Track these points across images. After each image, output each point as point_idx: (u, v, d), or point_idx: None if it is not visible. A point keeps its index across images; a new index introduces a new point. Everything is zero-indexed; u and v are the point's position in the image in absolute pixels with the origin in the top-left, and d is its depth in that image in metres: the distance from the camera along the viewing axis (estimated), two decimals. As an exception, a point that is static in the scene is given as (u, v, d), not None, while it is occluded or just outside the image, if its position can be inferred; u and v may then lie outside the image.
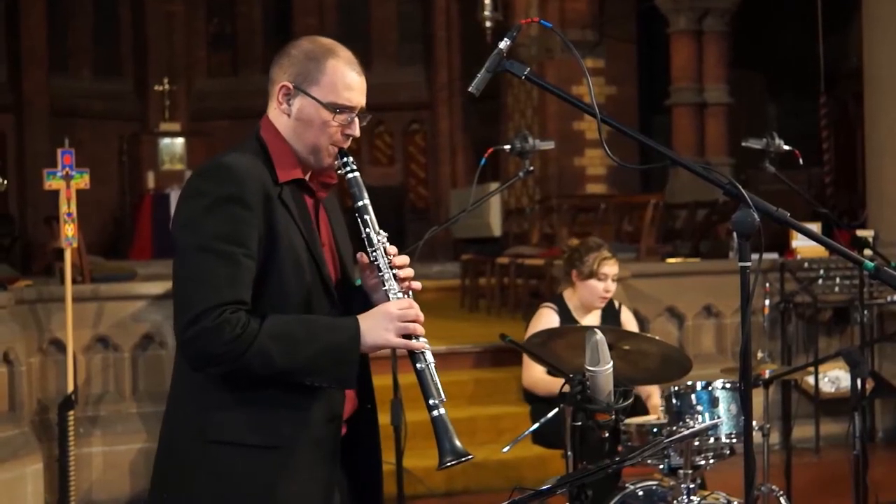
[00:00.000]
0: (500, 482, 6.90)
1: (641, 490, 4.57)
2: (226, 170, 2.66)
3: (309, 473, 2.72)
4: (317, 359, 2.64)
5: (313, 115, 2.76)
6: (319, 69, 2.75)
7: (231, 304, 2.58)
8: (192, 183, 2.70)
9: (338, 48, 2.80)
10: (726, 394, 4.45)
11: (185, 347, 2.62)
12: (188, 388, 2.72)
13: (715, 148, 13.31)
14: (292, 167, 2.77)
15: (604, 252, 5.48)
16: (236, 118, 17.70)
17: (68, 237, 7.06)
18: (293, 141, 2.79)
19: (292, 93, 2.77)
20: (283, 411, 2.69)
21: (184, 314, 2.59)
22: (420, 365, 2.71)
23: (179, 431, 2.74)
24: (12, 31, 16.77)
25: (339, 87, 2.76)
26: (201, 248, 2.61)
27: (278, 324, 2.62)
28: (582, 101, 2.84)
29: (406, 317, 2.71)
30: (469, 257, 12.31)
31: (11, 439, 6.53)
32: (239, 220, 2.62)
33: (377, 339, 2.69)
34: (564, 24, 13.68)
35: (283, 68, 2.79)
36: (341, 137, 2.79)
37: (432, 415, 2.69)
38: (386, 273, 2.76)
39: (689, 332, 8.37)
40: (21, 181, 16.24)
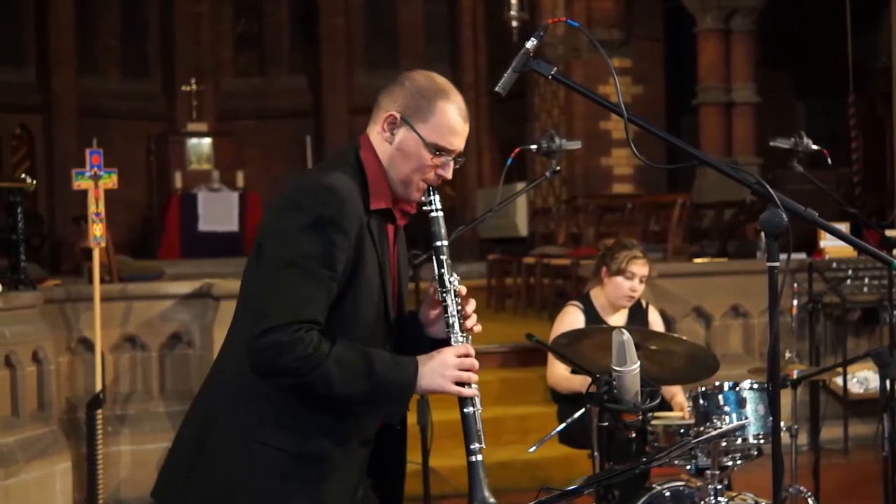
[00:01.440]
0: (527, 482, 6.89)
1: (668, 491, 4.55)
2: (329, 191, 2.69)
3: (337, 485, 2.79)
4: (373, 393, 2.70)
5: (413, 150, 2.79)
6: (430, 108, 2.79)
7: (307, 322, 2.64)
8: (293, 196, 2.72)
9: (451, 92, 2.84)
10: (754, 394, 4.43)
11: (254, 354, 2.66)
12: (238, 382, 2.76)
13: (742, 147, 13.25)
14: (383, 196, 2.81)
15: (636, 252, 5.46)
16: (263, 118, 17.78)
17: (97, 237, 7.10)
18: (388, 168, 2.82)
19: (398, 123, 2.79)
20: (324, 427, 2.75)
21: (260, 323, 2.64)
22: (468, 409, 2.75)
23: (220, 420, 2.78)
24: (41, 32, 16.87)
25: (444, 130, 2.79)
26: (291, 263, 2.65)
27: (346, 352, 2.68)
28: (609, 101, 2.83)
29: (463, 365, 2.75)
30: (495, 257, 12.30)
31: (41, 438, 6.57)
32: (332, 243, 2.66)
33: (432, 384, 2.75)
34: (591, 23, 13.66)
35: (394, 97, 2.81)
36: (434, 177, 2.83)
37: (470, 459, 2.73)
38: (452, 317, 2.80)
39: (717, 332, 8.34)
40: (50, 181, 16.34)
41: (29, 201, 13.71)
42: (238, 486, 2.74)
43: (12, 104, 16.48)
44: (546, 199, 15.08)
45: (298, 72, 18.45)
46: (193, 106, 17.79)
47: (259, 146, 17.62)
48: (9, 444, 6.30)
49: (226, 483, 2.75)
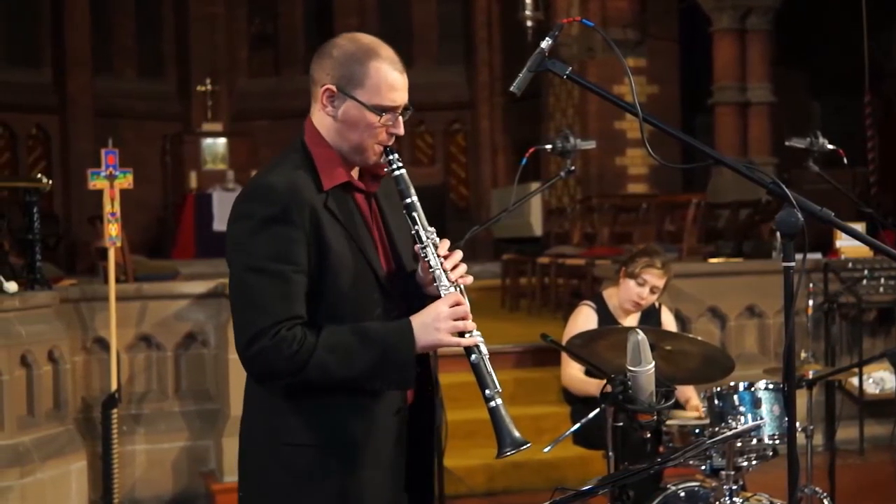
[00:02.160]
0: (541, 482, 6.88)
1: (683, 491, 4.54)
2: (268, 189, 2.70)
3: (378, 465, 2.78)
4: (373, 366, 2.69)
5: (358, 117, 2.77)
6: (363, 72, 2.76)
7: (286, 320, 2.64)
8: (238, 206, 2.74)
9: (379, 48, 2.80)
10: (769, 394, 4.42)
11: (247, 366, 2.69)
12: (258, 393, 2.79)
13: (758, 147, 13.21)
14: (337, 172, 2.80)
15: (655, 261, 5.40)
16: (278, 118, 17.80)
17: (112, 236, 7.12)
18: (338, 142, 2.81)
19: (336, 95, 2.78)
20: (350, 411, 2.75)
21: (242, 335, 2.66)
22: (475, 357, 2.72)
23: (253, 434, 2.82)
24: (57, 33, 16.93)
25: (383, 89, 2.76)
26: (251, 268, 2.67)
27: (334, 335, 2.67)
28: (624, 101, 2.83)
29: (456, 314, 2.72)
30: (510, 257, 12.29)
31: (56, 437, 6.59)
32: (285, 238, 2.67)
33: (430, 340, 2.72)
34: (606, 22, 13.64)
35: (326, 69, 2.79)
36: (386, 136, 2.81)
37: (489, 405, 2.71)
38: (437, 269, 2.77)
39: (732, 332, 8.31)
40: (65, 181, 16.40)
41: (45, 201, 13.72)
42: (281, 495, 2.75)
43: (28, 104, 16.55)
44: (560, 198, 15.07)
45: (313, 72, 18.48)
46: (208, 106, 17.83)
47: (274, 146, 17.61)
48: (25, 443, 6.32)
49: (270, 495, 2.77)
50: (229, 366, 6.93)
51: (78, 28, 16.88)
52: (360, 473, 2.75)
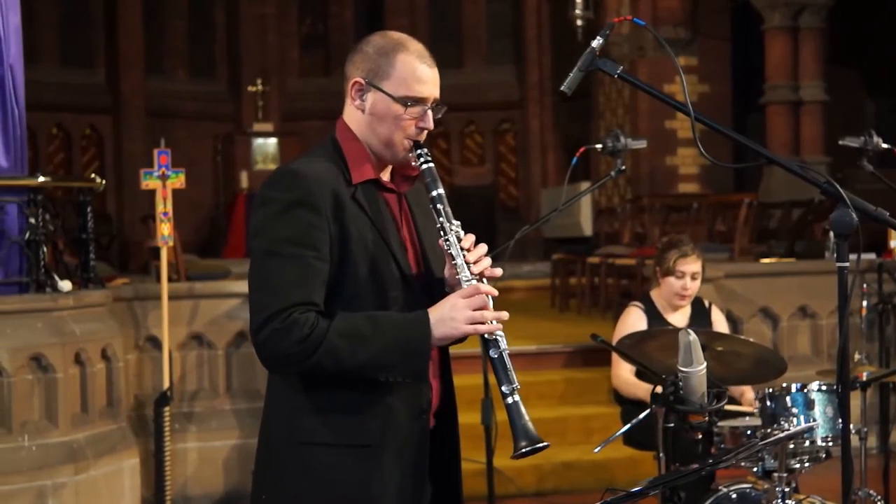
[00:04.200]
0: (591, 483, 6.86)
1: (735, 493, 4.51)
2: (291, 175, 2.71)
3: (400, 470, 2.75)
4: (386, 354, 2.66)
5: (386, 109, 2.79)
6: (390, 63, 2.79)
7: (300, 305, 2.63)
8: (261, 192, 2.75)
9: (408, 42, 2.83)
10: (822, 396, 4.38)
11: (257, 350, 2.69)
12: (278, 392, 2.79)
13: (811, 146, 13.09)
14: (367, 168, 2.80)
15: (685, 249, 5.43)
16: (328, 118, 17.59)
17: (164, 236, 7.18)
18: (367, 136, 2.82)
19: (365, 88, 2.82)
20: (371, 411, 2.72)
21: (255, 317, 2.66)
22: (493, 352, 2.68)
23: (273, 434, 2.81)
24: (110, 34, 17.10)
25: (409, 80, 2.78)
26: (270, 252, 2.67)
27: (346, 322, 2.66)
28: (675, 100, 2.81)
29: (474, 304, 2.68)
30: (560, 257, 12.27)
31: (109, 434, 6.66)
32: (307, 223, 2.67)
33: (447, 331, 2.68)
34: (657, 21, 13.58)
35: (356, 64, 2.84)
36: (415, 131, 2.81)
37: (506, 401, 2.68)
38: (458, 260, 2.74)
39: (784, 333, 8.25)
40: (118, 181, 16.55)
41: (98, 201, 13.91)
42: (298, 495, 2.74)
43: (82, 105, 16.72)
44: (611, 198, 15.01)
45: (363, 72, 18.53)
46: (259, 106, 17.93)
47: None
48: (79, 440, 6.39)
49: (286, 494, 2.76)
50: (280, 365, 6.96)
51: (131, 29, 17.03)
52: (379, 475, 2.73)
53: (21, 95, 6.59)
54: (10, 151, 6.49)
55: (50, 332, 6.32)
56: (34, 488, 6.14)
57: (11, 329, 6.22)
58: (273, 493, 2.79)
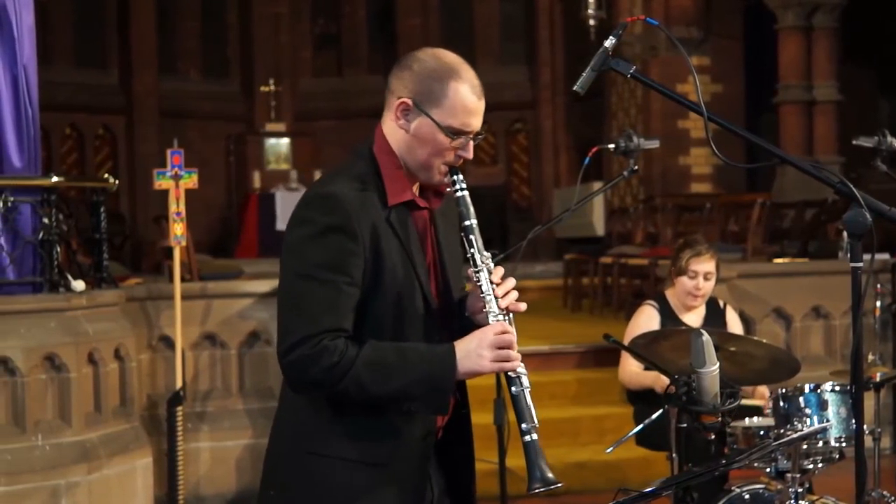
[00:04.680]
0: (604, 483, 6.85)
1: (748, 493, 4.51)
2: (333, 199, 2.67)
3: (402, 486, 2.77)
4: (411, 387, 2.67)
5: (430, 135, 2.74)
6: (442, 91, 2.72)
7: (330, 331, 2.63)
8: (299, 211, 2.72)
9: (461, 69, 2.76)
10: (836, 397, 4.37)
11: (284, 371, 2.69)
12: (293, 401, 2.78)
13: (824, 146, 13.05)
14: (403, 189, 2.77)
15: (698, 249, 5.46)
16: (341, 118, 17.87)
17: (177, 236, 7.20)
18: (405, 155, 2.78)
19: (411, 109, 2.75)
20: (383, 430, 2.73)
21: (284, 339, 2.65)
22: (515, 389, 2.70)
23: (284, 440, 2.81)
24: (123, 35, 17.14)
25: (459, 112, 2.73)
26: (304, 275, 2.66)
27: (375, 352, 2.66)
28: (688, 99, 2.81)
29: (501, 343, 2.68)
30: (572, 257, 12.25)
31: (122, 434, 6.67)
32: (343, 249, 2.65)
33: (472, 367, 2.69)
34: (669, 21, 13.55)
35: (404, 82, 2.76)
36: (454, 158, 2.78)
37: (524, 439, 2.69)
38: (488, 295, 2.74)
39: (797, 333, 8.23)
40: (131, 181, 16.59)
41: (111, 201, 13.97)
42: None
43: (96, 106, 16.76)
44: (623, 198, 14.99)
45: (376, 72, 18.51)
46: (272, 106, 17.94)
47: (336, 146, 17.70)
48: (92, 439, 6.40)
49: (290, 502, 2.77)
50: (292, 364, 6.96)
51: (144, 30, 17.07)
52: (384, 493, 2.74)
53: (35, 96, 6.61)
54: (23, 151, 6.51)
55: (63, 332, 6.34)
56: (48, 487, 6.16)
57: (25, 329, 6.24)
58: (279, 498, 2.81)
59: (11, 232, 6.42)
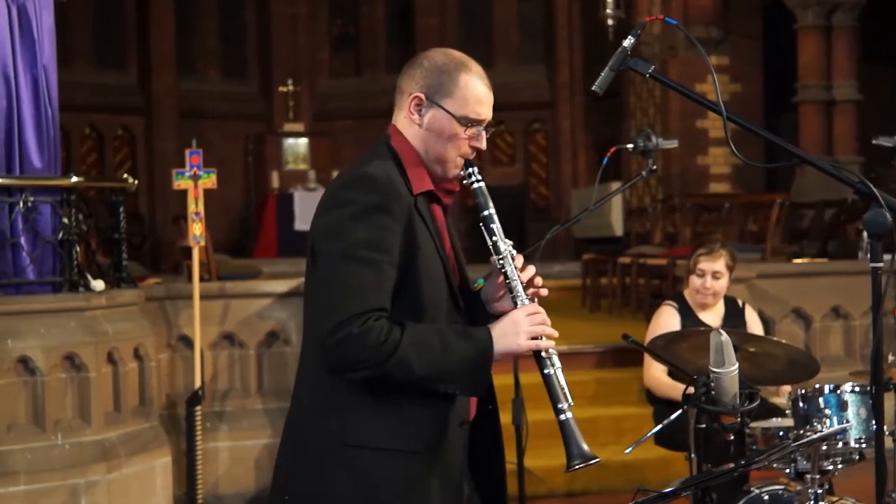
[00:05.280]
0: (622, 483, 6.84)
1: (767, 494, 4.49)
2: (371, 179, 2.72)
3: (441, 477, 2.78)
4: (453, 368, 2.70)
5: (445, 126, 2.81)
6: (453, 82, 2.81)
7: (375, 310, 2.64)
8: (337, 193, 2.75)
9: (470, 62, 2.86)
10: (855, 397, 4.35)
11: (329, 352, 2.66)
12: (323, 392, 2.76)
13: (843, 146, 13.01)
14: (424, 178, 2.83)
15: (708, 247, 5.51)
16: (359, 118, 17.89)
17: (196, 236, 7.21)
18: (421, 150, 2.84)
19: (424, 104, 2.82)
20: (419, 417, 2.75)
21: (330, 319, 2.64)
22: (547, 370, 2.75)
23: (313, 433, 2.78)
24: (142, 35, 17.20)
25: (471, 101, 2.81)
26: (347, 255, 2.67)
27: (417, 333, 2.68)
28: (707, 99, 2.80)
29: (534, 321, 2.74)
30: (590, 257, 12.23)
31: (142, 433, 6.69)
32: (384, 228, 2.68)
33: (508, 346, 2.73)
34: (688, 20, 13.52)
35: (415, 79, 2.84)
36: (469, 150, 2.84)
37: (560, 419, 2.73)
38: (513, 280, 2.79)
39: (817, 333, 8.20)
40: (150, 181, 16.64)
41: (130, 201, 14.00)
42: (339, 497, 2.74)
43: (115, 106, 16.83)
44: (642, 198, 14.96)
45: (394, 72, 18.41)
46: (290, 106, 17.98)
47: (355, 146, 17.72)
48: (111, 438, 6.42)
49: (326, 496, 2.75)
50: (311, 364, 6.97)
51: (162, 30, 17.13)
52: (422, 482, 2.75)
53: (54, 96, 6.64)
54: (43, 152, 6.54)
55: (83, 332, 6.36)
56: (67, 486, 6.19)
57: (45, 328, 6.27)
58: (307, 493, 2.78)
59: (31, 232, 6.44)
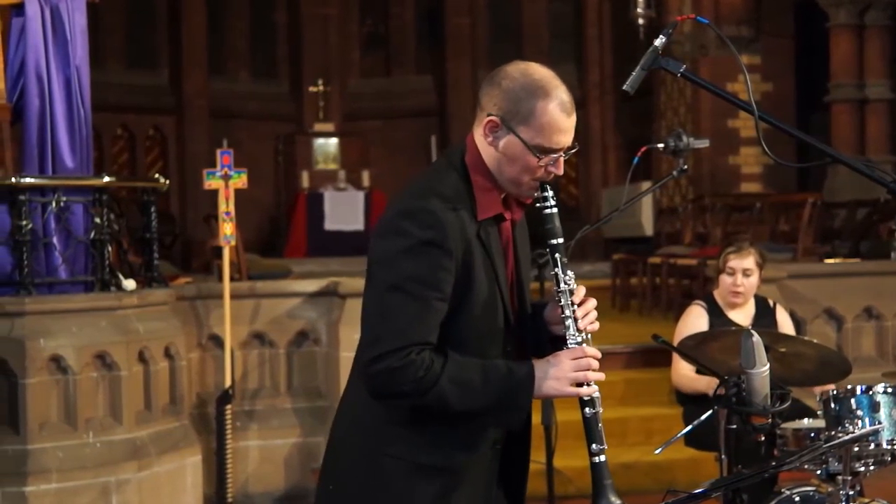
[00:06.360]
0: (652, 484, 6.82)
1: (798, 496, 4.47)
2: (429, 214, 2.67)
3: (471, 493, 2.80)
4: (490, 406, 2.71)
5: (518, 154, 2.74)
6: (530, 110, 2.71)
7: (418, 344, 2.65)
8: (395, 221, 2.71)
9: (551, 87, 2.75)
10: (888, 398, 4.31)
11: (368, 381, 2.69)
12: (368, 403, 2.77)
13: (876, 145, 12.92)
14: (493, 204, 2.78)
15: (738, 245, 5.56)
16: (389, 118, 17.91)
17: (226, 235, 7.24)
18: (495, 171, 2.78)
19: (500, 128, 2.74)
20: (456, 436, 2.76)
21: (371, 349, 2.66)
22: (589, 411, 2.75)
23: (355, 439, 2.81)
24: (174, 36, 17.28)
25: (547, 130, 2.72)
26: (395, 287, 2.66)
27: (459, 369, 2.68)
28: (739, 98, 2.79)
29: (580, 367, 2.73)
30: (620, 257, 12.20)
31: (172, 432, 6.72)
32: (436, 265, 2.66)
33: (549, 391, 2.74)
34: (719, 19, 13.46)
35: (493, 99, 2.75)
36: (544, 174, 2.78)
37: (593, 461, 2.73)
38: (568, 318, 2.77)
39: (849, 334, 8.15)
40: (181, 181, 16.70)
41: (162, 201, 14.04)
42: None
43: (146, 106, 16.91)
44: (672, 198, 14.91)
45: (424, 72, 18.55)
46: (320, 106, 18.00)
47: (384, 146, 17.77)
48: (142, 437, 6.46)
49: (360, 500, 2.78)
50: (340, 364, 7.00)
51: (194, 31, 17.19)
52: (452, 497, 2.77)
53: (87, 97, 6.68)
54: (76, 152, 6.58)
55: (114, 331, 6.40)
56: (98, 484, 6.22)
57: (77, 327, 6.30)
58: (343, 493, 2.82)
59: (64, 231, 6.49)
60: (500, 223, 2.82)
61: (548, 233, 2.81)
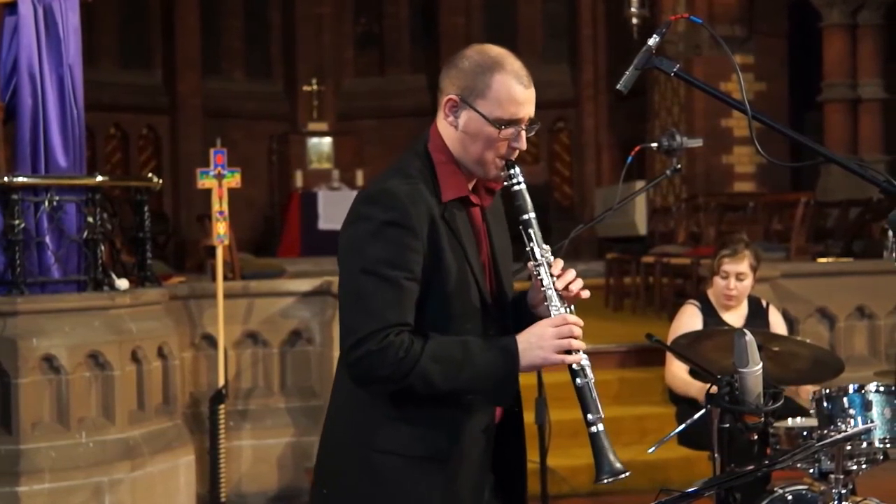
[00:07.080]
0: (645, 483, 6.81)
1: (791, 494, 4.47)
2: (390, 195, 2.70)
3: (462, 481, 2.80)
4: (475, 381, 2.70)
5: (479, 129, 2.77)
6: (486, 83, 2.76)
7: (394, 326, 2.65)
8: (357, 208, 2.74)
9: (505, 60, 2.80)
10: (880, 397, 4.32)
11: (350, 368, 2.70)
12: (354, 398, 2.79)
13: (869, 144, 12.93)
14: (457, 186, 2.80)
15: (732, 248, 5.48)
16: (383, 117, 17.91)
17: (220, 235, 7.24)
18: (460, 153, 2.80)
19: (459, 105, 2.78)
20: (444, 425, 2.76)
21: (349, 337, 2.67)
22: (580, 381, 2.73)
23: (344, 437, 2.82)
24: (167, 35, 17.27)
25: (504, 102, 2.75)
26: (365, 271, 2.67)
27: (439, 346, 2.68)
28: (732, 98, 2.79)
29: (561, 333, 2.71)
30: (614, 256, 12.20)
31: (165, 431, 6.72)
32: (402, 244, 2.67)
33: (533, 360, 2.72)
34: (713, 19, 13.47)
35: (452, 80, 2.80)
36: (508, 151, 2.80)
37: (591, 430, 2.74)
38: (549, 289, 2.77)
39: (841, 333, 8.15)
40: (175, 180, 16.70)
41: (155, 200, 14.06)
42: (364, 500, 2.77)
43: (140, 105, 16.91)
44: (666, 197, 14.92)
45: (418, 71, 18.56)
46: (314, 106, 18.01)
47: (379, 145, 17.77)
48: (135, 437, 6.45)
49: (351, 498, 2.79)
50: (334, 363, 6.97)
51: (188, 31, 17.18)
52: (447, 487, 2.77)
53: (80, 96, 6.67)
54: (69, 151, 6.57)
55: (107, 330, 6.39)
56: (91, 484, 6.22)
57: (70, 327, 6.30)
58: (337, 492, 2.82)
59: (56, 231, 6.48)
60: (468, 207, 2.83)
61: (518, 209, 2.81)
